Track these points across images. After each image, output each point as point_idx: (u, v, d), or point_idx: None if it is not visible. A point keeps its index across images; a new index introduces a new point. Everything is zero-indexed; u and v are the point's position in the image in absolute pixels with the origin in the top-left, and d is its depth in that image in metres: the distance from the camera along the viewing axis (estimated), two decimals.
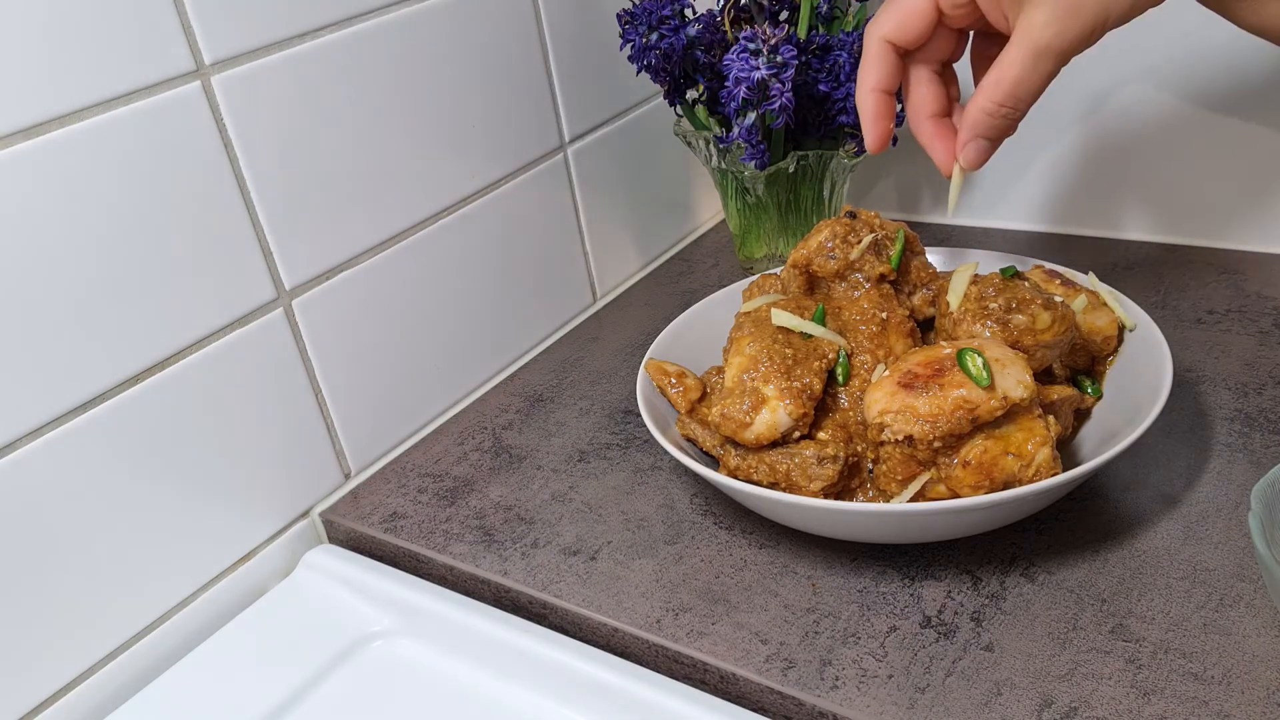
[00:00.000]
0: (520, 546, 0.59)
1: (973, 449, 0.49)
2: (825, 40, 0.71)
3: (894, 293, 0.58)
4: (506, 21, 0.71)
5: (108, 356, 0.53)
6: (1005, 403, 0.48)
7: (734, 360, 0.56)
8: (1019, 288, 0.54)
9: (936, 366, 0.50)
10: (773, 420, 0.53)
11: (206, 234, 0.56)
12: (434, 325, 0.71)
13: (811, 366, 0.54)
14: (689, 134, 0.77)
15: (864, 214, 0.60)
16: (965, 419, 0.48)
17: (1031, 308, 0.53)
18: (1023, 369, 0.49)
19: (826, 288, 0.58)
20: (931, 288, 0.59)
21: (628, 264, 0.87)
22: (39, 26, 0.48)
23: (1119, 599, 0.49)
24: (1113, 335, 0.58)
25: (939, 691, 0.46)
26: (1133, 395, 0.54)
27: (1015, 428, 0.49)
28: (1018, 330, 0.52)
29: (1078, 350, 0.58)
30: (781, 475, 0.53)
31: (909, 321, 0.57)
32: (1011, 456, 0.49)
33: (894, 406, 0.49)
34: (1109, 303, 0.59)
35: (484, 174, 0.72)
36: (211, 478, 0.59)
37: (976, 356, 0.49)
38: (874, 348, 0.55)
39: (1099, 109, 0.77)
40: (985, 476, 0.49)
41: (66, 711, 0.54)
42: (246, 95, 0.57)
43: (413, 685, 0.54)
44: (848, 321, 0.57)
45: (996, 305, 0.53)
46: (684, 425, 0.59)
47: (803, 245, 0.58)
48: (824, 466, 0.52)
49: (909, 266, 0.59)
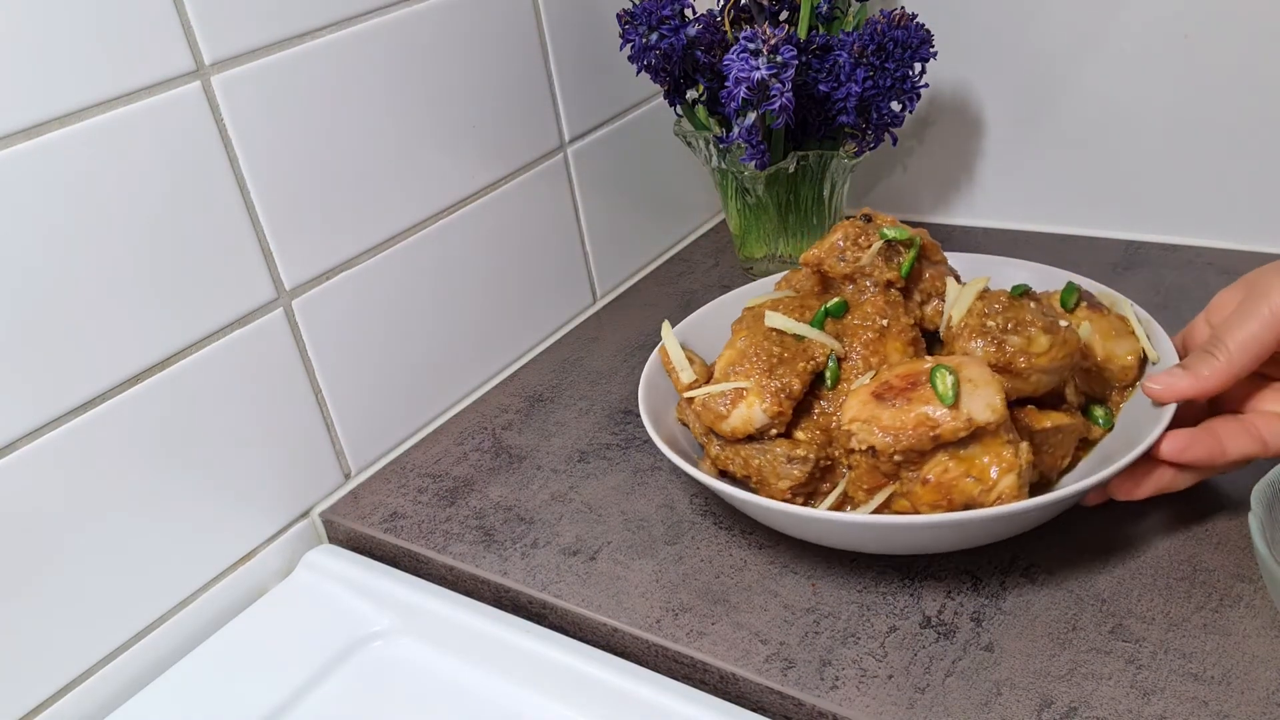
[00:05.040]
0: (520, 546, 0.59)
1: (934, 467, 0.49)
2: (825, 40, 0.71)
3: (901, 300, 0.56)
4: (507, 21, 0.71)
5: (108, 356, 0.53)
6: (969, 424, 0.47)
7: (725, 352, 0.57)
8: (1023, 308, 0.53)
9: (912, 380, 0.49)
10: (748, 415, 0.54)
11: (206, 234, 0.56)
12: (434, 325, 0.71)
13: (796, 367, 0.54)
14: (689, 134, 0.77)
15: (880, 217, 0.59)
16: (926, 435, 0.48)
17: (1029, 330, 0.52)
18: (994, 392, 0.48)
19: (838, 289, 0.58)
20: (944, 298, 0.57)
21: (628, 264, 0.87)
22: (39, 27, 0.48)
23: (1119, 599, 0.49)
24: (1131, 365, 0.56)
25: (939, 692, 0.46)
26: (1138, 430, 0.52)
27: (981, 450, 0.48)
28: (1011, 351, 0.51)
29: (1094, 376, 0.56)
30: (754, 470, 0.54)
31: (913, 330, 0.56)
32: (972, 479, 0.48)
33: (863, 415, 0.50)
34: (1136, 332, 0.56)
35: (484, 174, 0.72)
36: (211, 478, 0.59)
37: (948, 375, 0.48)
38: (868, 354, 0.55)
39: (1100, 110, 0.77)
40: (943, 496, 0.48)
41: (66, 711, 0.54)
42: (246, 95, 0.57)
43: (413, 685, 0.54)
44: (847, 325, 0.56)
45: (995, 324, 0.52)
46: (681, 410, 0.60)
47: (816, 245, 0.58)
48: (793, 466, 0.53)
49: (922, 274, 0.57)
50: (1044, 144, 0.80)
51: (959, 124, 0.84)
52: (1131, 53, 0.74)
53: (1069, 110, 0.78)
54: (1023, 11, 0.77)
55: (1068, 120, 0.79)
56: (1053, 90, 0.78)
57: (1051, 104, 0.79)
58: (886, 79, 0.70)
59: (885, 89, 0.71)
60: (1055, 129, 0.79)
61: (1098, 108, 0.77)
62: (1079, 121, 0.78)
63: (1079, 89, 0.77)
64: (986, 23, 0.78)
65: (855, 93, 0.70)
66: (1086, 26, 0.75)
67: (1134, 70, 0.74)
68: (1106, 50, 0.75)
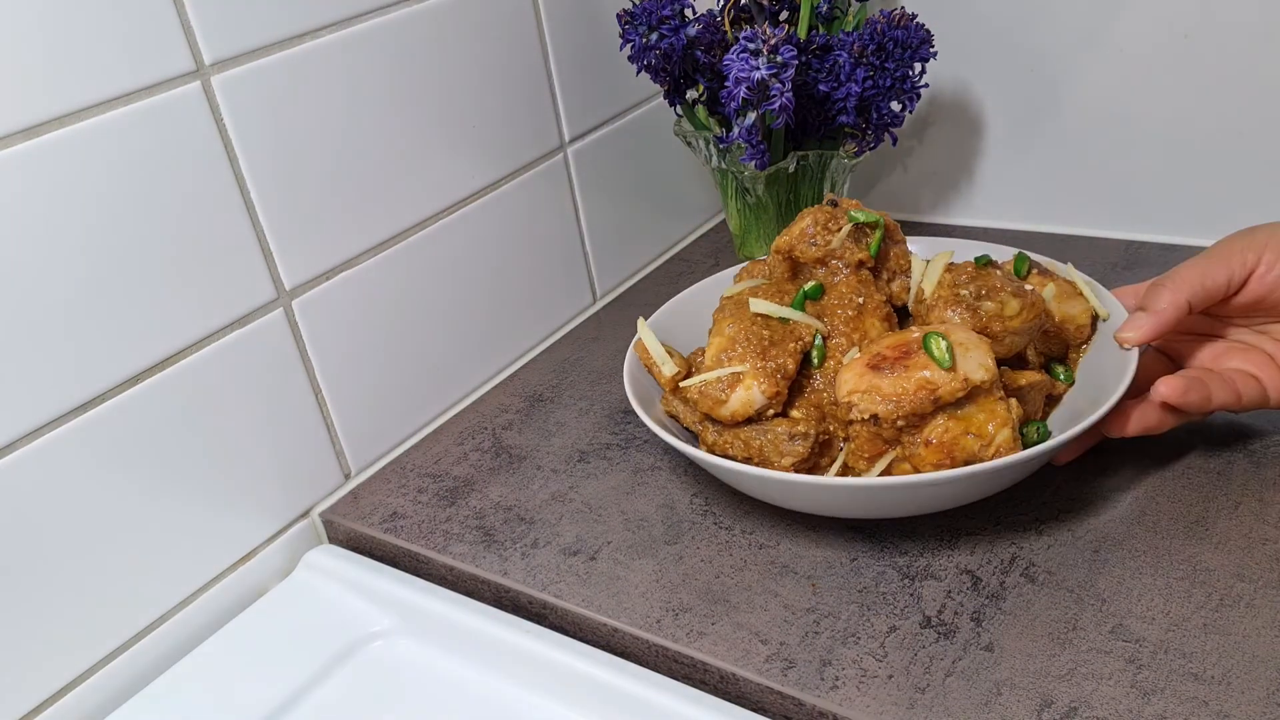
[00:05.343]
0: (520, 546, 0.59)
1: (935, 428, 0.51)
2: (825, 40, 0.71)
3: (872, 279, 0.59)
4: (506, 21, 0.71)
5: (108, 357, 0.53)
6: (966, 385, 0.50)
7: (714, 340, 0.58)
8: (990, 276, 0.56)
9: (904, 349, 0.52)
10: (747, 398, 0.55)
11: (206, 234, 0.56)
12: (434, 325, 0.71)
13: (787, 348, 0.56)
14: (689, 134, 0.77)
15: (845, 202, 0.61)
16: (927, 399, 0.50)
17: (1001, 295, 0.55)
18: (985, 353, 0.51)
19: (809, 273, 0.60)
20: (909, 275, 0.60)
21: (628, 264, 0.87)
22: (38, 27, 0.48)
23: (1119, 599, 0.49)
24: (1086, 324, 0.59)
25: (939, 691, 0.46)
26: (1100, 383, 0.56)
27: (976, 409, 0.51)
28: (987, 316, 0.54)
29: (1051, 338, 0.59)
30: (755, 450, 0.55)
31: (886, 306, 0.59)
32: (972, 436, 0.50)
33: (861, 386, 0.51)
34: (1084, 292, 0.60)
35: (484, 174, 0.72)
36: (211, 478, 0.59)
37: (941, 340, 0.51)
38: (849, 331, 0.57)
39: (1100, 110, 0.77)
40: (946, 455, 0.51)
41: (66, 711, 0.54)
42: (246, 95, 0.57)
43: (413, 685, 0.54)
44: (826, 305, 0.59)
45: (967, 292, 0.55)
46: (668, 402, 0.61)
47: (785, 232, 0.60)
48: (795, 443, 0.54)
49: (888, 254, 0.60)
50: (1044, 144, 0.80)
51: (959, 124, 0.84)
52: (1131, 53, 0.74)
53: (1069, 110, 0.78)
54: (1023, 11, 0.77)
55: (1068, 120, 0.79)
56: (1053, 90, 0.78)
57: (1051, 104, 0.79)
58: (886, 79, 0.70)
59: (885, 89, 0.71)
60: (1055, 129, 0.79)
61: (1098, 108, 0.77)
62: (1079, 121, 0.78)
63: (1079, 89, 0.77)
64: (986, 23, 0.78)
65: (855, 93, 0.70)
66: (1086, 26, 0.75)
67: (1134, 70, 0.74)
68: (1106, 50, 0.75)
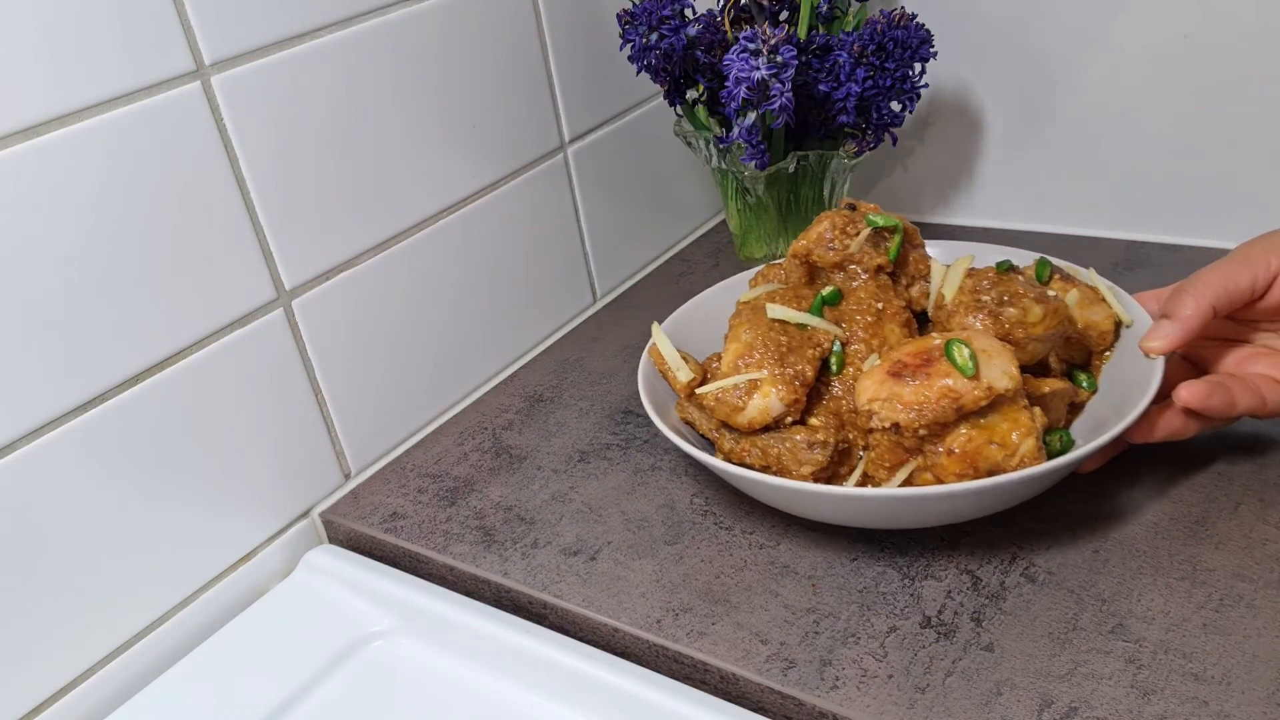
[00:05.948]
0: (520, 546, 0.59)
1: (957, 438, 0.49)
2: (825, 40, 0.71)
3: (891, 284, 0.58)
4: (507, 21, 0.71)
5: (108, 357, 0.53)
6: (990, 393, 0.48)
7: (731, 346, 0.57)
8: (1012, 281, 0.55)
9: (925, 356, 0.50)
10: (765, 405, 0.54)
11: (206, 234, 0.56)
12: (434, 325, 0.71)
13: (805, 354, 0.55)
14: (689, 134, 0.77)
15: (864, 206, 0.60)
16: (950, 408, 0.49)
17: (1023, 301, 0.54)
18: (1009, 360, 0.50)
19: (826, 278, 0.59)
20: (929, 280, 0.59)
21: (628, 264, 0.87)
22: (38, 27, 0.48)
23: (1119, 599, 0.49)
24: (1109, 331, 0.58)
25: (939, 691, 0.46)
26: (1124, 390, 0.55)
27: (1000, 418, 0.49)
28: (1009, 323, 0.53)
29: (1074, 344, 0.58)
30: (773, 459, 0.54)
31: (905, 312, 0.58)
32: (995, 445, 0.49)
33: (882, 394, 0.50)
34: (1107, 298, 0.59)
35: (484, 174, 0.72)
36: (211, 478, 0.59)
37: (963, 347, 0.49)
38: (869, 337, 0.56)
39: (1100, 110, 0.77)
40: (969, 465, 0.49)
41: (66, 712, 0.54)
42: (246, 95, 0.57)
43: (413, 685, 0.54)
44: (844, 311, 0.58)
45: (989, 298, 0.54)
46: (682, 409, 0.60)
47: (803, 236, 0.59)
48: (814, 451, 0.53)
49: (907, 259, 0.59)
50: (1044, 144, 0.80)
51: (959, 124, 0.84)
52: (1131, 53, 0.74)
53: (1069, 110, 0.78)
54: (1023, 11, 0.77)
55: (1068, 120, 0.79)
56: (1053, 90, 0.78)
57: (1051, 104, 0.79)
58: (886, 79, 0.70)
59: (885, 89, 0.71)
60: (1055, 129, 0.79)
61: (1098, 108, 0.77)
62: (1079, 121, 0.78)
63: (1079, 89, 0.77)
64: (986, 23, 0.78)
65: (855, 93, 0.70)
66: (1086, 26, 0.75)
67: (1134, 70, 0.74)
68: (1106, 50, 0.75)
